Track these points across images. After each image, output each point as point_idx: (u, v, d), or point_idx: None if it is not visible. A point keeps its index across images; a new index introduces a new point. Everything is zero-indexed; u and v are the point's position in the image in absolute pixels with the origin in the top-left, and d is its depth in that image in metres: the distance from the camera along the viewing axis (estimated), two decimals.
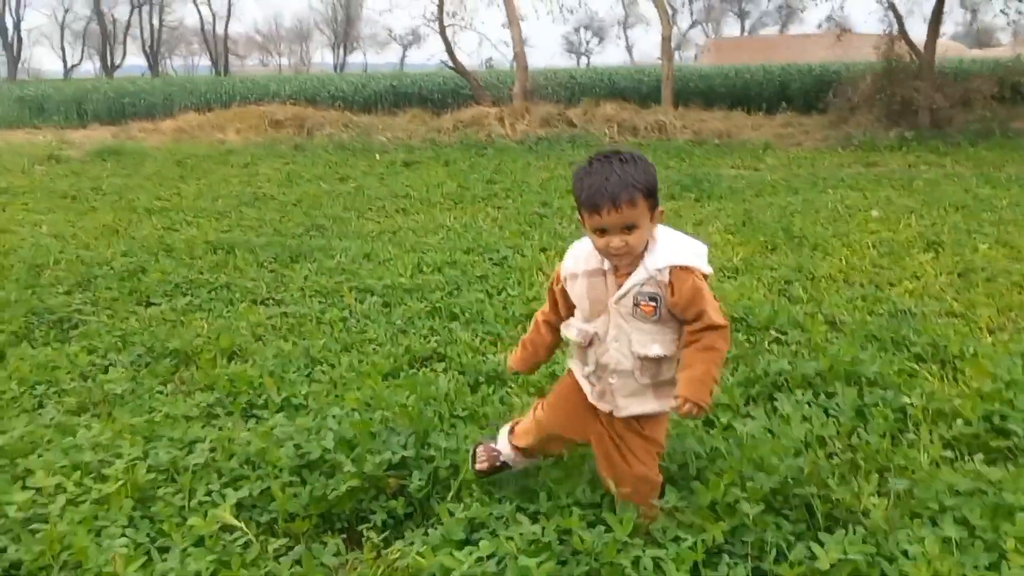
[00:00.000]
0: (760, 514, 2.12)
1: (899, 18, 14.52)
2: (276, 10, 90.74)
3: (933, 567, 1.91)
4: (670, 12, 21.08)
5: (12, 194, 9.29)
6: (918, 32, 14.68)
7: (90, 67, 52.19)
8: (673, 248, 2.07)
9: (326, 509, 2.36)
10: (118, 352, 3.81)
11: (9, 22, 44.96)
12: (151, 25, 47.19)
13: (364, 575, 2.08)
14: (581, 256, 2.17)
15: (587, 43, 71.85)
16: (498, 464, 2.42)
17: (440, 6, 17.03)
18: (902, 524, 2.16)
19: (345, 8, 61.22)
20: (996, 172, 9.97)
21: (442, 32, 17.16)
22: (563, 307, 2.27)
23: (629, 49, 67.89)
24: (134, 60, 51.32)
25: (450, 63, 17.91)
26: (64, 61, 49.68)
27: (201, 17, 48.92)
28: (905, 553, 1.99)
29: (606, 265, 2.11)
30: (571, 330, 2.21)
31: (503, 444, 2.42)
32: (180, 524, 2.23)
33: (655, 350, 2.08)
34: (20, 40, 46.46)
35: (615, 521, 2.05)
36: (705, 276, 2.07)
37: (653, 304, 2.05)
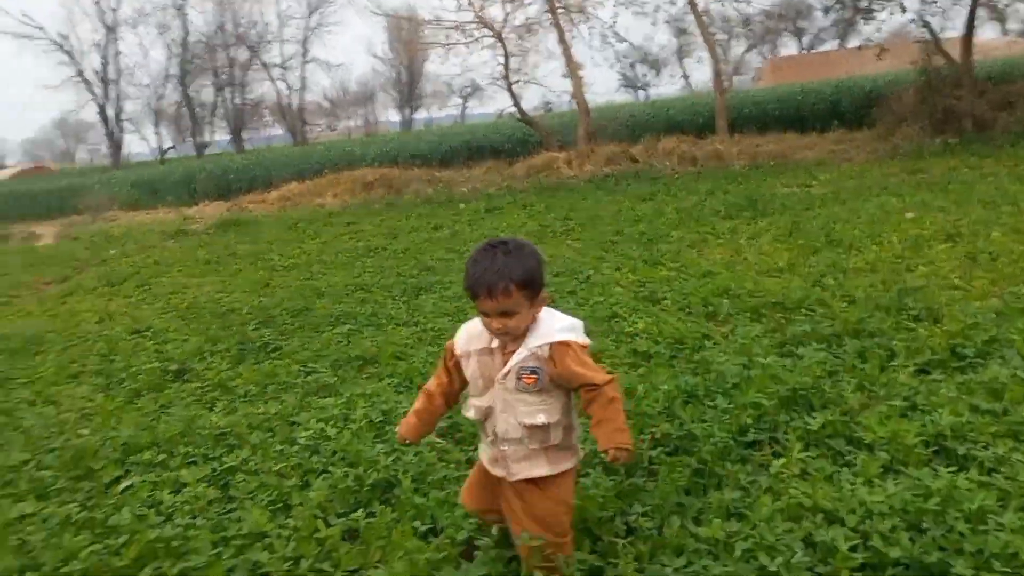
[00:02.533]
0: (775, 405, 3.32)
1: (932, 32, 15.34)
2: (342, 77, 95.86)
3: (882, 423, 3.07)
4: (724, 38, 22.28)
5: (165, 264, 11.11)
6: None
7: (174, 148, 56.03)
8: (551, 327, 2.26)
9: None
10: (315, 362, 5.22)
11: (111, 113, 49.30)
12: (234, 104, 50.99)
13: None
14: (473, 335, 2.36)
15: (644, 76, 73.44)
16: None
17: (506, 65, 18.65)
18: (872, 405, 3.33)
19: (408, 69, 64.28)
20: None
21: (509, 88, 18.75)
22: (457, 379, 2.43)
23: (686, 77, 68.91)
24: (214, 137, 55.30)
25: (519, 115, 19.49)
26: (160, 145, 54.06)
27: (278, 92, 52.76)
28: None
29: (494, 343, 2.28)
30: (469, 411, 2.38)
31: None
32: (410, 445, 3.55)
33: (540, 419, 2.25)
34: (122, 130, 50.89)
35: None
36: (583, 346, 2.28)
37: (535, 376, 2.23)
